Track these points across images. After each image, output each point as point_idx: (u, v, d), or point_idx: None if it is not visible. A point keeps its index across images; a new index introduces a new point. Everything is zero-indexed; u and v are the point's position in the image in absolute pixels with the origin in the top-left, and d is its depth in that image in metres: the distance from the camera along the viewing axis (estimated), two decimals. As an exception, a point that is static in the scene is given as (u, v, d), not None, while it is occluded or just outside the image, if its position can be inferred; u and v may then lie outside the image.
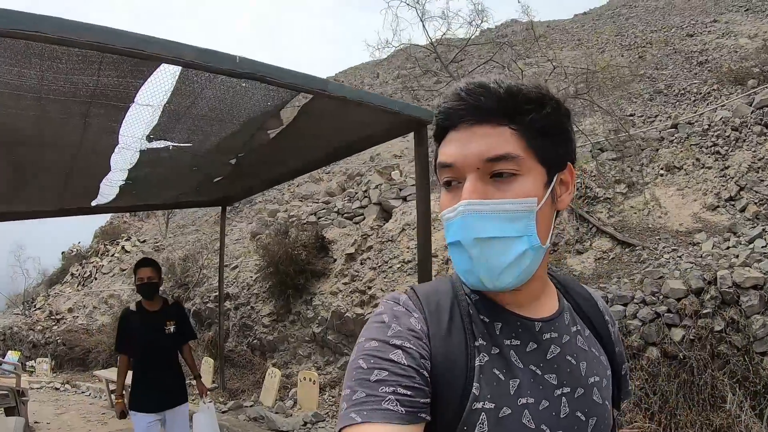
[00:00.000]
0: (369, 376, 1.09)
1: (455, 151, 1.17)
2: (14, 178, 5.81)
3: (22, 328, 19.27)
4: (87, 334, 17.34)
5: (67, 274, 26.00)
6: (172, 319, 5.60)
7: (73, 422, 10.75)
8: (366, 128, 5.07)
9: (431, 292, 1.30)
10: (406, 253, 10.95)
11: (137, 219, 29.99)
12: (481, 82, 1.17)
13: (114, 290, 20.01)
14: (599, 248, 10.08)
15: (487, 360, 1.18)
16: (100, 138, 4.67)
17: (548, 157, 1.19)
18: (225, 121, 4.61)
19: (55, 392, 14.51)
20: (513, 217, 1.14)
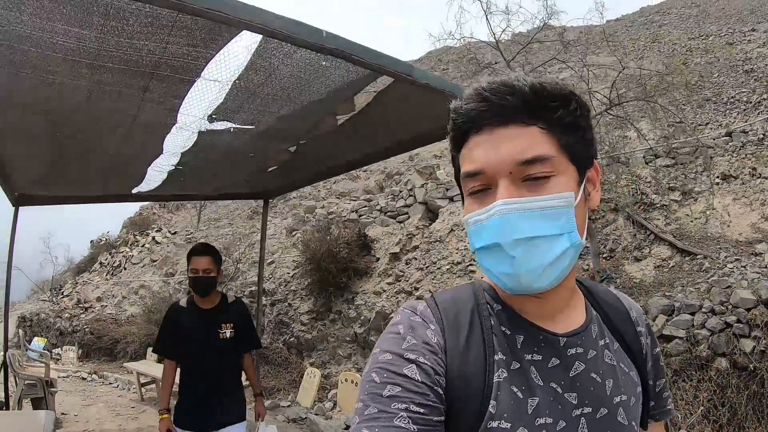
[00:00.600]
0: (382, 390, 1.08)
1: (483, 157, 1.13)
2: (57, 159, 5.43)
3: (49, 315, 19.24)
4: (115, 324, 17.23)
5: (95, 263, 26.24)
6: (230, 320, 4.64)
7: (101, 415, 10.48)
8: (438, 120, 4.60)
9: (451, 301, 1.26)
10: (455, 255, 10.63)
11: (167, 210, 30.29)
12: (504, 81, 1.13)
13: (144, 281, 19.86)
14: (658, 256, 9.78)
15: (506, 376, 1.15)
16: (157, 116, 4.27)
17: (578, 154, 1.16)
18: (295, 103, 4.20)
19: (81, 382, 14.32)
20: (553, 214, 1.09)
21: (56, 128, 4.51)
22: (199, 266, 4.50)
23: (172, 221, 28.24)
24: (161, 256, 21.75)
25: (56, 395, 9.75)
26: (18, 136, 4.79)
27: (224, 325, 4.60)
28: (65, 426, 9.54)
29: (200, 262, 4.50)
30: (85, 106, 4.03)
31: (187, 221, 26.30)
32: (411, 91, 3.91)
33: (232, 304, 4.77)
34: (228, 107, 4.17)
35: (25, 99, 3.88)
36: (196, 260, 4.53)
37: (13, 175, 6.20)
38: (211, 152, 5.28)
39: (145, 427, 9.70)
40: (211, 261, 4.56)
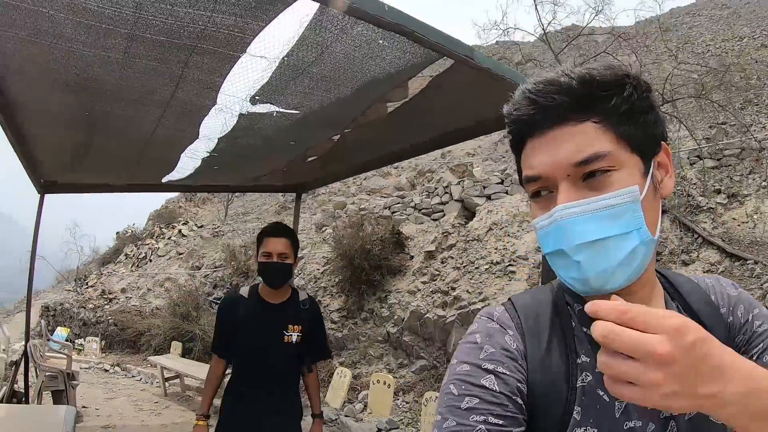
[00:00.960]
0: (460, 403, 1.07)
1: (540, 162, 1.11)
2: (86, 143, 5.12)
3: (73, 305, 19.32)
4: (140, 316, 17.14)
5: (121, 254, 26.40)
6: (298, 322, 3.92)
7: (124, 409, 10.32)
8: (495, 110, 4.21)
9: (530, 304, 1.25)
10: (494, 254, 10.30)
11: (193, 204, 30.57)
12: (549, 79, 1.09)
13: (170, 273, 19.78)
14: (707, 260, 9.43)
15: (591, 379, 1.12)
16: (195, 95, 3.93)
17: (640, 142, 1.10)
18: (346, 86, 3.86)
19: (104, 374, 14.30)
20: (616, 213, 1.04)
21: (85, 107, 4.18)
22: (274, 249, 3.81)
23: (199, 215, 28.39)
24: (187, 249, 21.72)
25: (78, 387, 9.58)
26: (45, 116, 4.50)
27: (292, 326, 3.90)
28: (86, 420, 9.39)
29: (275, 245, 3.83)
30: (118, 83, 3.71)
31: (213, 215, 26.40)
32: (469, 76, 3.58)
33: (303, 302, 4.06)
34: (273, 88, 3.83)
35: (53, 73, 3.57)
36: (269, 242, 3.84)
37: (40, 161, 5.97)
38: (251, 138, 4.92)
39: (168, 423, 9.51)
40: (289, 245, 3.89)
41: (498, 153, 17.27)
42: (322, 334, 4.25)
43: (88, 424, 9.12)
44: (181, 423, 9.54)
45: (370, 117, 4.52)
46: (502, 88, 3.51)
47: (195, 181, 7.12)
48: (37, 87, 3.86)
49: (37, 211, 7.17)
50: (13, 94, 3.98)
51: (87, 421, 9.30)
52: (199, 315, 15.03)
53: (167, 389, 11.85)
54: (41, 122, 4.64)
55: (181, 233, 24.06)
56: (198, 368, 11.17)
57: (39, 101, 4.13)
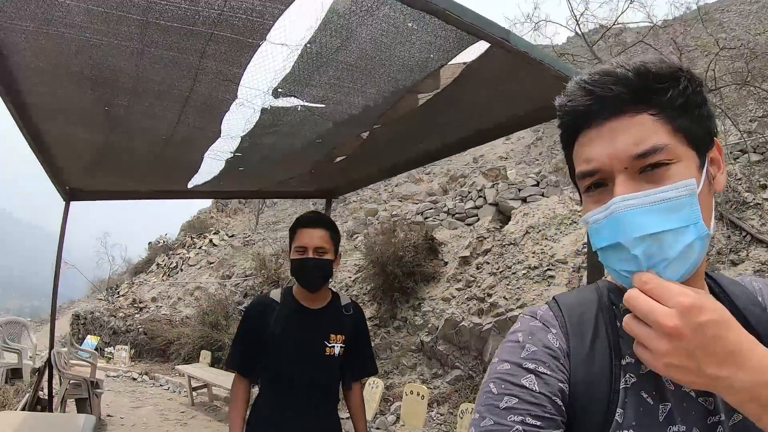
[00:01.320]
0: (498, 402, 1.08)
1: (596, 154, 1.10)
2: (105, 142, 4.93)
3: (103, 314, 19.44)
4: (169, 325, 17.17)
5: (152, 264, 26.75)
6: (342, 330, 3.36)
7: (149, 419, 10.22)
8: (534, 101, 3.96)
9: (575, 303, 1.25)
10: (531, 259, 10.02)
11: (224, 214, 30.85)
12: (605, 70, 1.10)
13: (200, 282, 19.79)
14: (756, 259, 9.05)
15: (635, 381, 1.11)
16: (215, 89, 3.71)
17: (695, 136, 1.09)
18: (373, 75, 3.61)
19: (132, 382, 14.28)
20: (674, 206, 1.03)
21: (103, 102, 3.99)
22: (310, 243, 3.21)
23: (230, 225, 28.54)
24: (218, 258, 21.78)
25: (105, 395, 9.69)
26: (62, 115, 4.31)
27: (334, 336, 3.31)
28: (110, 428, 9.32)
29: (311, 237, 3.23)
30: (134, 75, 3.51)
31: (244, 224, 26.50)
32: (506, 63, 3.34)
33: (346, 307, 3.48)
34: (296, 79, 3.58)
35: (67, 66, 3.38)
36: (304, 234, 3.25)
37: (61, 167, 5.84)
38: (275, 136, 4.67)
39: (194, 435, 9.28)
40: (328, 237, 3.29)
41: (531, 156, 17.06)
42: (368, 345, 3.67)
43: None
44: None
45: (400, 111, 4.25)
46: (541, 77, 3.35)
47: (221, 185, 6.94)
48: (51, 82, 3.66)
49: (62, 219, 7.16)
50: (28, 92, 3.81)
51: (111, 430, 9.23)
52: (228, 324, 14.94)
53: (194, 399, 11.75)
54: (59, 122, 4.46)
55: (212, 243, 24.20)
56: (226, 378, 11.00)
57: (55, 98, 3.93)
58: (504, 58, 3.27)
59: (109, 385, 12.13)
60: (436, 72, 3.61)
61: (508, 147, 17.38)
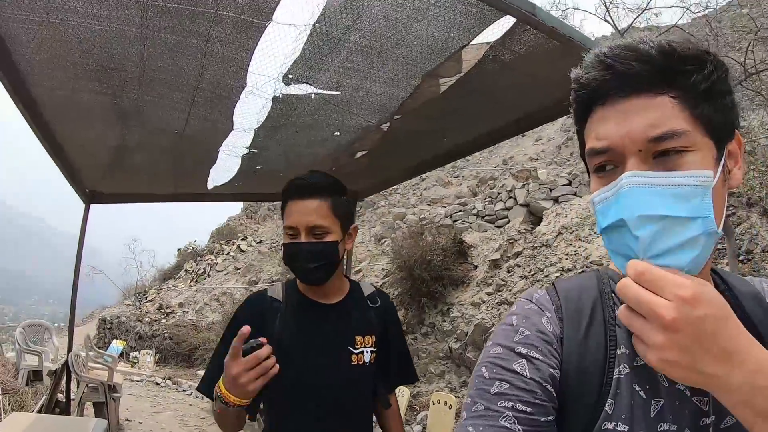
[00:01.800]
0: (490, 387, 1.07)
1: (609, 133, 1.05)
2: (118, 137, 4.79)
3: (130, 319, 19.65)
4: (195, 330, 17.37)
5: (181, 270, 27.05)
6: (370, 329, 2.52)
7: (168, 425, 10.15)
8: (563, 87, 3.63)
9: (573, 288, 1.22)
10: (564, 260, 9.77)
11: (253, 221, 31.13)
12: (628, 44, 1.03)
13: (227, 288, 19.84)
14: None
15: (628, 372, 1.09)
16: (223, 75, 3.54)
17: (716, 126, 1.04)
18: (389, 57, 3.38)
19: (154, 387, 14.29)
20: (685, 194, 0.98)
21: (113, 94, 3.86)
22: (301, 220, 2.32)
23: (259, 231, 28.63)
24: (245, 264, 21.86)
25: (125, 399, 9.77)
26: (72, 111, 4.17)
27: (361, 338, 2.46)
28: None
29: (302, 212, 2.33)
30: (140, 63, 3.37)
31: (273, 231, 26.55)
32: (532, 41, 3.13)
33: (371, 298, 2.64)
34: (307, 63, 3.38)
35: (72, 56, 3.26)
36: (293, 209, 2.36)
37: (78, 168, 5.77)
38: (289, 129, 4.46)
39: (212, 443, 9.17)
40: (328, 209, 2.35)
41: (562, 156, 16.78)
42: (403, 343, 2.81)
43: (128, 438, 8.93)
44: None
45: (420, 98, 4.00)
46: (569, 58, 3.04)
47: (240, 187, 6.78)
48: (57, 75, 3.53)
49: (82, 222, 7.13)
50: (34, 86, 3.68)
51: (126, 435, 9.13)
52: (254, 330, 14.76)
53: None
54: (70, 119, 4.35)
55: (240, 249, 24.31)
56: (249, 385, 10.88)
57: (64, 93, 3.79)
58: (530, 37, 3.07)
59: (131, 390, 12.10)
60: (457, 53, 3.37)
61: (538, 148, 17.14)
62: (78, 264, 6.97)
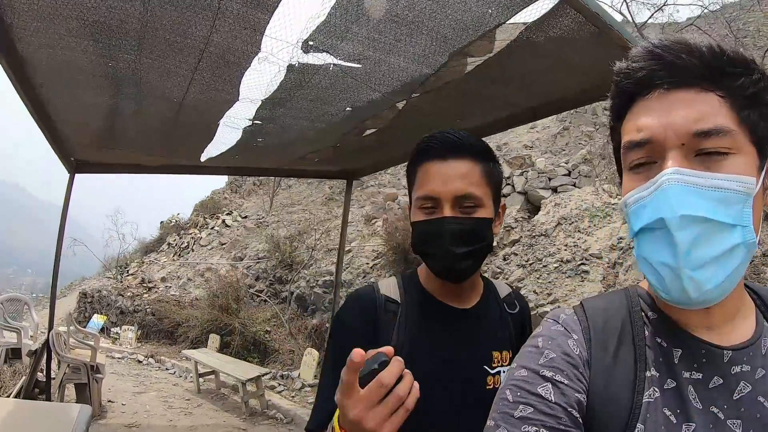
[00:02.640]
0: (513, 411, 1.04)
1: (652, 123, 1.01)
2: (111, 106, 4.48)
3: (111, 293, 19.18)
4: (178, 306, 16.92)
5: (163, 243, 26.53)
6: (506, 344, 1.91)
7: (152, 406, 9.83)
8: (592, 76, 3.46)
9: (601, 309, 1.18)
10: (563, 251, 9.65)
11: (238, 195, 30.80)
12: (678, 38, 1.02)
13: (211, 263, 19.53)
14: None
15: (658, 396, 1.04)
16: (235, 39, 3.21)
17: (761, 134, 1.00)
18: (421, 30, 3.12)
19: (137, 365, 13.96)
20: (727, 199, 0.95)
21: (108, 57, 3.52)
22: (445, 189, 1.74)
23: (244, 206, 28.33)
24: (230, 239, 21.60)
25: (107, 378, 9.37)
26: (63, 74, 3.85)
27: (498, 354, 1.88)
28: (109, 416, 8.89)
29: (448, 176, 1.76)
30: (142, 21, 3.03)
31: (258, 206, 26.26)
32: (570, 26, 2.92)
33: (509, 302, 2.07)
34: (332, 30, 3.08)
35: (65, 11, 2.91)
36: (433, 171, 1.78)
37: (66, 136, 5.48)
38: (300, 101, 4.15)
39: (198, 425, 8.96)
40: (481, 175, 1.79)
41: (558, 146, 16.66)
42: None
43: (111, 422, 8.61)
44: (212, 425, 9.03)
45: (444, 78, 3.76)
46: (604, 47, 2.93)
47: (236, 160, 6.49)
48: (47, 31, 3.18)
49: (66, 192, 6.84)
50: (24, 45, 3.35)
51: (110, 418, 8.79)
52: (239, 307, 14.68)
53: (201, 386, 11.39)
54: (61, 83, 4.04)
55: (225, 223, 23.95)
56: (234, 365, 10.79)
57: (54, 52, 3.44)
58: (567, 21, 2.88)
59: (112, 368, 11.80)
60: (491, 32, 3.13)
61: (533, 136, 17.01)
62: (61, 236, 6.70)
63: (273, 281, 16.03)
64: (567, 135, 17.04)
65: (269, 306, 14.88)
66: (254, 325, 13.61)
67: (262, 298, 15.60)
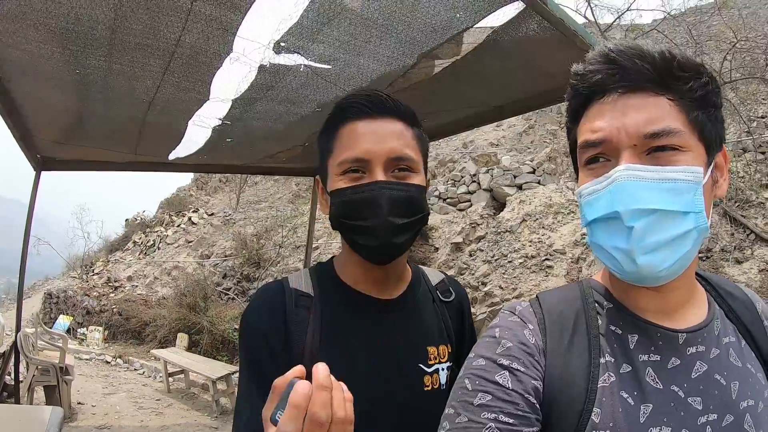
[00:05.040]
0: (473, 399, 1.07)
1: (607, 126, 1.08)
2: (79, 109, 4.44)
3: (77, 293, 18.76)
4: (145, 306, 16.66)
5: (129, 242, 26.09)
6: (443, 338, 1.71)
7: (122, 407, 9.74)
8: (555, 78, 3.57)
9: (556, 300, 1.24)
10: (528, 247, 9.84)
11: (204, 192, 30.51)
12: (632, 44, 1.09)
13: (178, 262, 19.36)
14: (761, 258, 8.94)
15: (614, 380, 1.10)
16: (207, 40, 3.21)
17: (708, 133, 1.10)
18: (391, 34, 3.18)
19: (105, 366, 13.78)
20: (678, 189, 1.03)
21: (76, 64, 3.50)
22: (376, 149, 1.50)
23: (210, 203, 28.08)
24: (197, 237, 21.39)
25: (76, 380, 9.19)
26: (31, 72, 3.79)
27: (433, 350, 1.67)
28: (80, 418, 8.81)
29: (377, 133, 1.52)
30: (112, 25, 3.01)
31: (225, 203, 26.05)
32: (535, 30, 3.01)
33: (442, 290, 1.86)
34: (303, 31, 3.11)
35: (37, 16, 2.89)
36: (360, 131, 1.53)
37: (33, 133, 5.35)
38: (271, 102, 4.17)
39: (170, 425, 8.93)
40: (412, 136, 1.59)
41: (523, 144, 16.83)
42: None
43: (82, 424, 8.54)
44: (183, 424, 9.00)
45: (412, 79, 3.82)
46: (567, 51, 2.95)
47: (205, 158, 6.47)
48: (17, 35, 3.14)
49: (32, 190, 6.65)
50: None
51: (81, 420, 8.71)
52: (207, 306, 14.56)
53: (171, 385, 11.33)
54: (27, 81, 3.99)
55: (191, 221, 23.71)
56: (204, 364, 10.74)
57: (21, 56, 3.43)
58: (533, 26, 2.98)
59: (80, 369, 11.66)
60: (459, 35, 3.22)
61: (498, 134, 17.15)
62: (27, 235, 6.57)
63: (240, 279, 15.95)
64: (532, 133, 17.22)
65: (237, 304, 14.78)
66: (222, 324, 13.52)
67: (230, 296, 15.50)
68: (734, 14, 15.16)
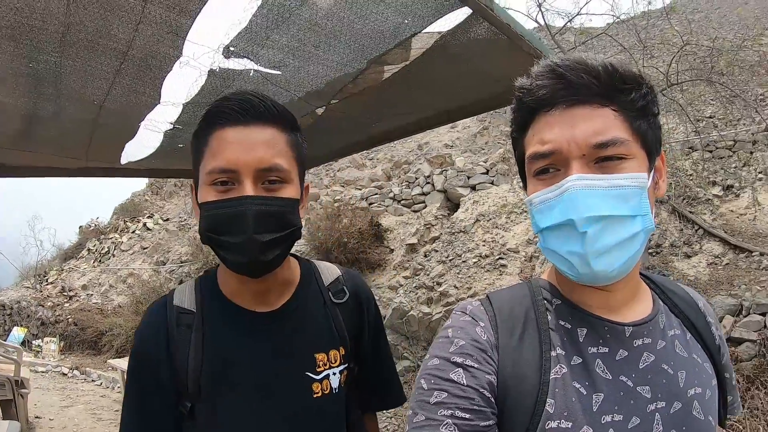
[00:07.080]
0: (429, 398, 1.12)
1: (555, 137, 1.13)
2: (29, 105, 4.39)
3: (31, 303, 18.52)
4: (101, 315, 16.55)
5: (83, 249, 25.85)
6: (334, 342, 1.74)
7: (80, 420, 9.66)
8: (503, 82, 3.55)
9: (505, 298, 1.30)
10: (482, 247, 10.01)
11: (159, 198, 30.21)
12: (577, 58, 1.14)
13: (133, 269, 19.12)
14: (710, 252, 9.29)
15: (566, 372, 1.15)
16: (158, 42, 3.14)
17: (649, 140, 1.17)
18: (339, 39, 3.18)
19: (62, 378, 13.63)
20: (626, 195, 1.10)
21: (28, 58, 3.43)
22: (244, 157, 1.50)
23: (165, 208, 27.77)
24: (152, 243, 21.16)
25: (32, 393, 8.98)
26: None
27: (322, 356, 1.69)
28: None
29: (245, 142, 1.52)
30: (65, 22, 2.94)
31: (180, 208, 25.74)
32: (482, 35, 2.97)
33: (335, 288, 1.84)
34: (253, 36, 3.12)
35: None
36: (230, 139, 1.54)
37: None
38: (221, 103, 4.20)
39: (128, 437, 8.75)
40: (285, 143, 1.61)
41: (477, 145, 17.02)
42: (385, 354, 2.01)
43: (40, 438, 8.38)
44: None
45: (361, 84, 3.83)
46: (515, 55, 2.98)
47: (157, 163, 6.44)
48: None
49: None
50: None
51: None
52: (164, 312, 14.25)
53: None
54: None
55: (146, 227, 23.50)
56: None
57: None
58: (481, 31, 2.95)
59: (36, 382, 11.50)
60: (407, 41, 3.24)
61: (453, 135, 17.34)
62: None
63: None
64: (486, 134, 17.41)
65: (194, 310, 14.63)
66: (179, 330, 13.43)
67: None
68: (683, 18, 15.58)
